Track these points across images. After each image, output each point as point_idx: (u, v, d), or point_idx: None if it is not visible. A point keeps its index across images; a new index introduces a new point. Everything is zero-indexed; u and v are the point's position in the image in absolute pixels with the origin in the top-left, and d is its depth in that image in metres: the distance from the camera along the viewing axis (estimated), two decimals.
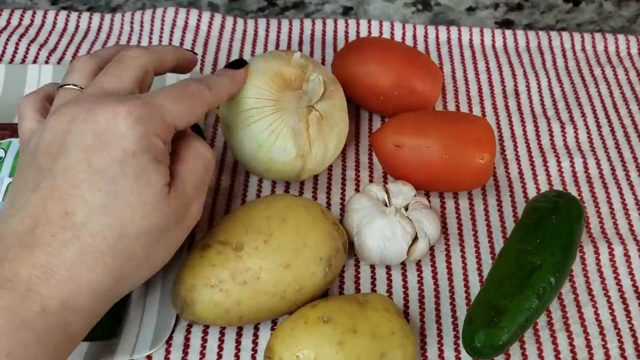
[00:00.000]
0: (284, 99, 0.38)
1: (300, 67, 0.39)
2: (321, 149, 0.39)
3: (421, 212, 0.39)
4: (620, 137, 0.49)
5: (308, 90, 0.39)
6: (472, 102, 0.51)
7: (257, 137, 0.38)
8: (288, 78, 0.39)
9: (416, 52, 0.47)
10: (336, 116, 0.40)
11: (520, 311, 0.35)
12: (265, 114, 0.37)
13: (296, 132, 0.38)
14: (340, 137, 0.41)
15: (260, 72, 0.38)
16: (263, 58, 0.39)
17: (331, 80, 0.41)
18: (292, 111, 0.38)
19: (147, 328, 0.36)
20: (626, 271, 0.40)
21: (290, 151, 0.38)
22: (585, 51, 0.55)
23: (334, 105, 0.40)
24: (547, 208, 0.39)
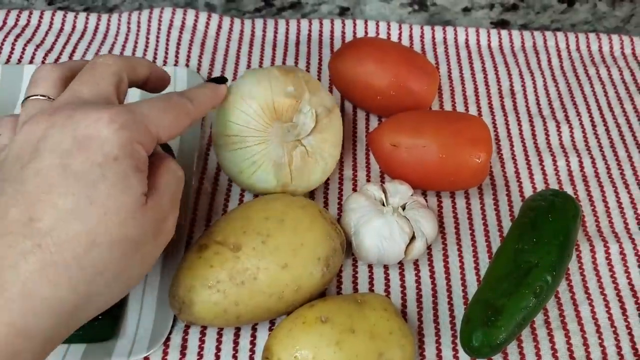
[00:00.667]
0: (271, 129, 0.37)
1: (294, 96, 0.38)
2: (303, 181, 0.39)
3: (418, 212, 0.39)
4: (615, 136, 0.49)
5: (297, 124, 0.38)
6: (468, 101, 0.51)
7: (238, 164, 0.38)
8: (280, 108, 0.37)
9: (413, 52, 0.47)
10: (325, 151, 0.39)
11: (518, 310, 0.35)
12: (249, 143, 0.37)
13: (278, 166, 0.38)
14: (326, 170, 0.40)
15: (250, 97, 0.37)
16: (257, 81, 0.37)
17: (328, 109, 0.39)
18: (277, 144, 0.37)
19: (144, 329, 0.36)
20: (622, 270, 0.40)
21: (270, 181, 0.38)
22: (579, 51, 0.55)
23: (325, 139, 0.39)
24: (543, 207, 0.39)
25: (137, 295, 0.38)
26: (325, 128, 0.39)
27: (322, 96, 0.39)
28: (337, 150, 0.41)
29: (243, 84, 0.38)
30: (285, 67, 0.39)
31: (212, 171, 0.45)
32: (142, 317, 0.37)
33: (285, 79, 0.38)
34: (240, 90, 0.37)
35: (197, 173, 0.44)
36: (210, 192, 0.44)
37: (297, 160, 0.38)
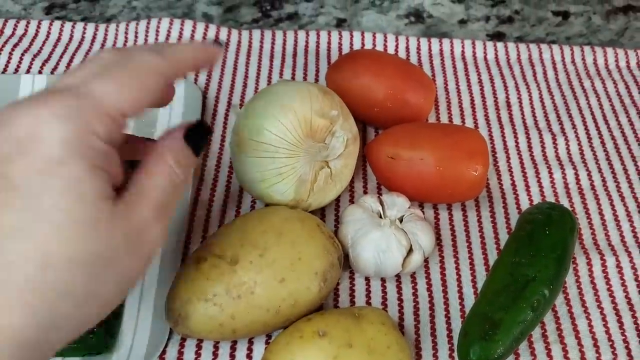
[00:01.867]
0: (304, 146, 0.37)
1: (331, 119, 0.38)
2: (317, 200, 0.40)
3: (416, 224, 0.39)
4: (611, 148, 0.49)
5: (329, 146, 0.38)
6: (464, 113, 0.51)
7: (263, 172, 0.37)
8: (315, 127, 0.37)
9: (409, 64, 0.48)
10: (343, 176, 0.40)
11: (515, 324, 0.35)
12: (280, 155, 0.37)
13: (301, 182, 0.38)
14: (338, 192, 0.41)
15: (293, 111, 0.37)
16: (299, 95, 0.37)
17: (354, 137, 0.40)
18: (306, 161, 0.38)
19: (139, 342, 0.36)
20: (619, 283, 0.40)
21: (288, 195, 0.38)
22: (575, 64, 0.56)
23: (346, 165, 0.40)
24: (540, 220, 0.39)
25: (133, 307, 0.38)
26: (349, 154, 0.40)
27: (351, 123, 0.40)
28: (350, 176, 0.42)
29: (283, 94, 0.38)
30: (323, 88, 0.40)
31: (209, 180, 0.45)
32: (138, 330, 0.37)
33: (324, 100, 0.38)
34: (280, 99, 0.37)
35: (194, 182, 0.44)
36: (207, 201, 0.43)
37: (320, 181, 0.39)
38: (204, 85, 0.51)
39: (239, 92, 0.51)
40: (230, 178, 0.45)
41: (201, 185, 0.44)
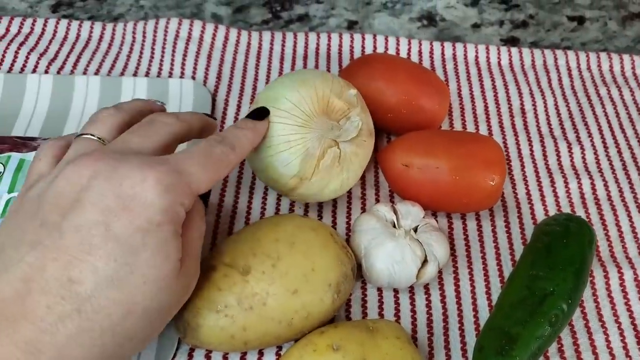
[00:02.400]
0: (317, 120, 0.37)
1: (349, 104, 0.38)
2: (321, 184, 0.38)
3: (431, 235, 0.38)
4: (627, 158, 0.48)
5: (343, 127, 0.38)
6: (478, 120, 0.50)
7: (271, 136, 0.37)
8: (332, 107, 0.38)
9: (423, 69, 0.47)
10: (352, 165, 0.39)
11: (533, 339, 0.34)
12: (292, 122, 0.37)
13: (308, 155, 0.37)
14: (344, 186, 0.40)
15: (312, 86, 0.37)
16: (324, 77, 0.38)
17: (369, 131, 0.40)
18: (317, 136, 0.37)
19: (147, 352, 0.35)
20: (636, 297, 0.39)
21: (292, 167, 0.37)
22: (590, 70, 0.55)
23: (357, 154, 0.39)
24: (558, 232, 0.38)
25: None
26: (362, 145, 0.39)
27: (369, 119, 0.40)
28: (360, 171, 0.40)
29: (306, 73, 0.39)
30: (347, 82, 0.40)
31: (218, 189, 0.44)
32: None
33: (345, 85, 0.39)
34: (303, 76, 0.38)
35: None
36: (215, 209, 0.43)
37: (327, 159, 0.38)
38: (214, 86, 0.50)
39: (249, 94, 0.50)
40: (240, 184, 0.44)
41: (209, 191, 0.44)
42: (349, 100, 0.38)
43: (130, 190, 0.25)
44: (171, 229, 0.26)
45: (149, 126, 0.30)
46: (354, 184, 0.40)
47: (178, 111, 0.47)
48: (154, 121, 0.30)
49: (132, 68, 0.51)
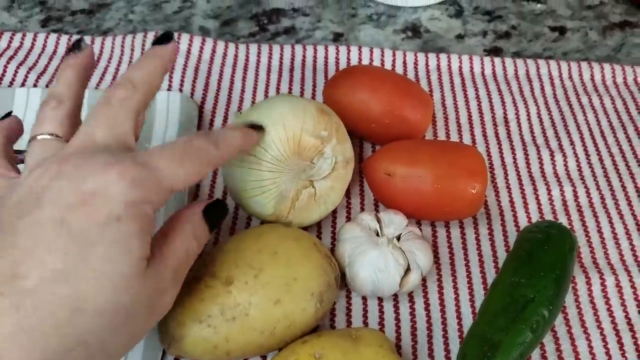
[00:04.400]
0: (289, 162, 0.37)
1: (323, 139, 0.37)
2: (299, 218, 0.39)
3: (414, 243, 0.39)
4: (609, 165, 0.49)
5: (315, 166, 0.38)
6: (462, 129, 0.51)
7: (245, 182, 0.37)
8: (304, 146, 0.37)
9: (407, 80, 0.47)
10: (329, 199, 0.39)
11: (514, 345, 0.34)
12: (263, 168, 0.36)
13: (281, 198, 0.37)
14: (324, 214, 0.40)
15: (283, 125, 0.36)
16: (292, 111, 0.37)
17: (346, 161, 0.39)
18: (289, 178, 0.37)
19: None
20: (618, 302, 0.40)
21: (267, 209, 0.38)
22: (572, 79, 0.56)
23: (333, 188, 0.39)
24: (539, 239, 0.39)
25: None
26: (338, 178, 0.39)
27: (346, 147, 0.40)
28: (339, 200, 0.41)
29: (277, 107, 0.37)
30: (322, 107, 0.39)
31: (204, 197, 0.44)
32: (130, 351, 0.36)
33: (319, 119, 0.37)
34: (272, 113, 0.37)
35: (188, 198, 0.44)
36: None
37: (302, 200, 0.38)
38: (201, 99, 0.51)
39: (236, 106, 0.50)
40: (226, 196, 0.44)
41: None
42: (323, 137, 0.37)
43: (91, 185, 0.24)
44: (135, 225, 0.24)
45: (108, 108, 0.27)
46: (333, 208, 0.41)
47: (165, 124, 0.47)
48: (110, 101, 0.27)
49: (108, 79, 0.51)
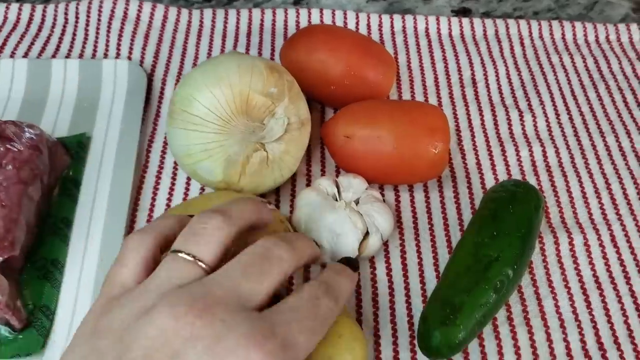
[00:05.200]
0: (236, 123, 0.34)
1: (273, 98, 0.35)
2: (251, 186, 0.36)
3: (372, 206, 0.37)
4: (579, 124, 0.47)
5: (266, 127, 0.35)
6: (428, 91, 0.49)
7: (189, 146, 0.34)
8: (252, 105, 0.34)
9: (368, 39, 0.45)
10: (283, 164, 0.37)
11: (477, 307, 0.33)
12: (208, 129, 0.34)
13: (230, 162, 0.35)
14: (279, 181, 0.38)
15: (229, 83, 0.34)
16: (238, 68, 0.34)
17: (301, 122, 0.37)
18: (237, 140, 0.34)
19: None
20: (586, 261, 0.39)
21: (215, 175, 0.35)
22: (542, 39, 0.54)
23: (288, 151, 0.36)
24: (504, 198, 0.37)
25: (69, 302, 0.35)
26: (293, 140, 0.37)
27: (300, 107, 0.37)
28: (296, 165, 0.38)
29: (222, 65, 0.35)
30: (272, 64, 0.36)
31: (154, 168, 0.42)
32: (73, 327, 0.34)
33: (269, 76, 0.35)
34: (217, 70, 0.34)
35: (138, 170, 0.42)
36: (152, 189, 0.41)
37: (253, 164, 0.35)
38: (150, 67, 0.48)
39: None
40: (177, 167, 0.42)
41: (145, 173, 0.42)
42: (272, 95, 0.35)
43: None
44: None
45: (263, 263, 0.26)
46: (290, 175, 0.39)
47: (112, 94, 0.45)
48: (269, 257, 0.26)
49: (64, 51, 0.49)
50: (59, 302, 0.35)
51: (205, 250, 0.25)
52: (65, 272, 0.36)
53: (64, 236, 0.38)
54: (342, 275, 0.29)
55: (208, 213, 0.26)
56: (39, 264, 0.36)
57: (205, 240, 0.25)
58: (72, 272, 0.36)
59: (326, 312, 0.26)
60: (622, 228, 0.41)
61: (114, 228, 0.38)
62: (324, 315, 0.26)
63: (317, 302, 0.26)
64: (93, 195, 0.40)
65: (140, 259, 0.26)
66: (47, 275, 0.36)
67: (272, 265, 0.26)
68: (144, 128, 0.44)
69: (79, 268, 0.37)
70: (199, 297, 0.23)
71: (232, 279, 0.25)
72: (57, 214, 0.39)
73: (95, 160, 0.42)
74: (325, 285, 0.27)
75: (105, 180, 0.41)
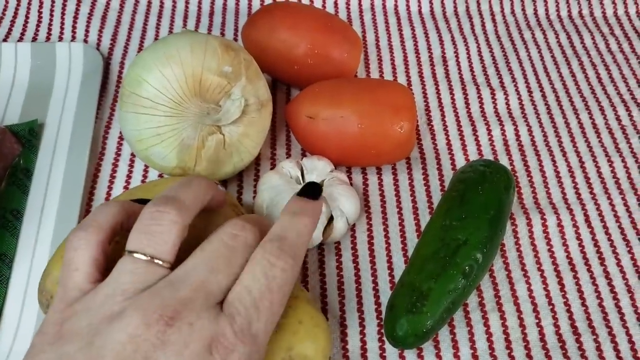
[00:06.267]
0: (189, 105, 0.32)
1: (228, 78, 0.33)
2: (209, 171, 0.34)
3: (337, 189, 0.35)
4: (552, 102, 0.46)
5: (221, 109, 0.33)
6: (397, 71, 0.47)
7: (140, 130, 0.32)
8: (206, 85, 0.32)
9: (332, 17, 0.43)
10: (242, 148, 0.35)
11: (445, 293, 0.31)
12: (158, 112, 0.32)
13: (184, 147, 0.33)
14: (239, 166, 0.36)
15: (179, 63, 0.32)
16: (190, 46, 0.32)
17: (260, 103, 0.35)
18: (191, 123, 0.33)
19: (22, 339, 0.31)
20: (560, 242, 0.37)
21: (169, 160, 0.33)
22: (514, 14, 0.52)
23: (247, 135, 0.34)
24: (473, 179, 0.36)
25: (17, 300, 0.33)
26: (252, 123, 0.34)
27: (259, 87, 0.35)
28: (257, 149, 0.36)
29: (173, 43, 0.32)
30: (227, 42, 0.34)
31: (111, 155, 0.40)
32: (21, 324, 0.32)
33: (224, 55, 0.33)
34: (168, 49, 0.32)
35: (94, 158, 0.40)
36: (108, 177, 0.39)
37: (209, 148, 0.33)
38: (107, 50, 0.46)
39: None
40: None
41: (102, 161, 0.40)
42: (227, 74, 0.33)
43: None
44: None
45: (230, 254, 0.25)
46: (253, 158, 0.37)
47: (67, 77, 0.43)
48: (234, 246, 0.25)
49: (16, 34, 0.46)
50: (7, 299, 0.33)
51: (163, 249, 0.24)
52: (14, 267, 0.34)
53: (13, 229, 0.36)
54: (300, 216, 0.27)
55: (160, 205, 0.25)
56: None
57: (162, 239, 0.24)
58: (21, 267, 0.34)
59: (283, 278, 0.25)
60: (597, 208, 0.40)
61: (67, 220, 0.36)
62: (280, 283, 0.25)
63: (272, 272, 0.24)
64: (45, 185, 0.38)
65: (89, 259, 0.24)
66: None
67: (238, 255, 0.25)
68: (101, 114, 0.42)
69: (28, 263, 0.35)
70: (168, 301, 0.23)
71: (199, 275, 0.24)
72: (6, 205, 0.36)
73: (48, 149, 0.40)
74: (277, 243, 0.25)
75: (58, 169, 0.38)
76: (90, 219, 0.25)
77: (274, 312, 0.25)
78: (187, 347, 0.22)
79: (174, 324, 0.22)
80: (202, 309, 0.23)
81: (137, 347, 0.22)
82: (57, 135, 0.40)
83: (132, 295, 0.23)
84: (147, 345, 0.22)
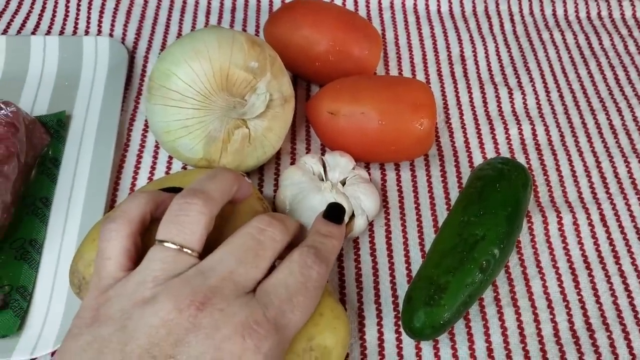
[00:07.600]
0: (216, 99, 0.33)
1: (254, 73, 0.34)
2: (234, 162, 0.35)
3: (359, 187, 0.36)
4: (569, 102, 0.46)
5: (247, 103, 0.34)
6: (415, 69, 0.48)
7: (168, 122, 0.33)
8: (233, 80, 0.33)
9: (353, 14, 0.44)
10: (266, 142, 0.36)
11: (462, 287, 0.32)
12: (187, 105, 0.33)
13: (210, 139, 0.34)
14: (262, 160, 0.37)
15: (207, 58, 0.33)
16: (218, 41, 0.33)
17: (284, 98, 0.36)
18: (218, 116, 0.33)
19: (51, 322, 0.33)
20: (575, 241, 0.38)
21: (196, 152, 0.34)
22: (533, 15, 0.53)
23: (271, 129, 0.35)
24: (491, 176, 0.36)
25: (47, 284, 0.34)
26: (276, 117, 0.36)
27: (283, 82, 0.36)
28: (279, 143, 0.37)
29: (201, 38, 0.34)
30: (253, 38, 0.35)
31: (136, 146, 0.41)
32: (51, 309, 0.33)
33: (250, 50, 0.34)
34: (196, 44, 0.33)
35: (119, 149, 0.41)
36: (133, 167, 0.40)
37: (235, 141, 0.34)
38: (132, 44, 0.47)
39: None
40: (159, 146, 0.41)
41: (127, 152, 0.41)
42: (253, 69, 0.34)
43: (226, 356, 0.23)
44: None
45: (257, 247, 0.26)
46: (275, 152, 0.38)
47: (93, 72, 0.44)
48: (262, 240, 0.26)
49: (44, 27, 0.47)
50: (37, 284, 0.34)
51: (192, 239, 0.25)
52: (44, 253, 0.35)
53: (42, 216, 0.37)
54: (329, 238, 0.29)
55: (188, 197, 0.26)
56: (17, 245, 0.35)
57: (190, 229, 0.25)
58: (50, 253, 0.36)
59: (318, 280, 0.26)
60: (612, 207, 0.40)
61: (93, 208, 0.37)
62: (316, 285, 0.26)
63: (309, 272, 0.26)
64: (73, 174, 0.39)
65: (120, 249, 0.25)
66: (24, 256, 0.35)
67: (266, 249, 0.26)
68: (126, 106, 0.43)
69: (57, 249, 0.36)
70: (198, 288, 0.24)
71: (228, 266, 0.25)
72: (35, 193, 0.38)
73: (75, 139, 0.41)
74: (314, 250, 0.27)
75: (85, 159, 0.40)
76: (120, 210, 0.26)
77: (306, 309, 0.26)
78: (219, 331, 0.23)
79: (205, 309, 0.23)
80: (232, 297, 0.24)
81: (170, 330, 0.23)
82: (83, 127, 0.41)
83: (163, 282, 0.24)
84: (180, 328, 0.23)
